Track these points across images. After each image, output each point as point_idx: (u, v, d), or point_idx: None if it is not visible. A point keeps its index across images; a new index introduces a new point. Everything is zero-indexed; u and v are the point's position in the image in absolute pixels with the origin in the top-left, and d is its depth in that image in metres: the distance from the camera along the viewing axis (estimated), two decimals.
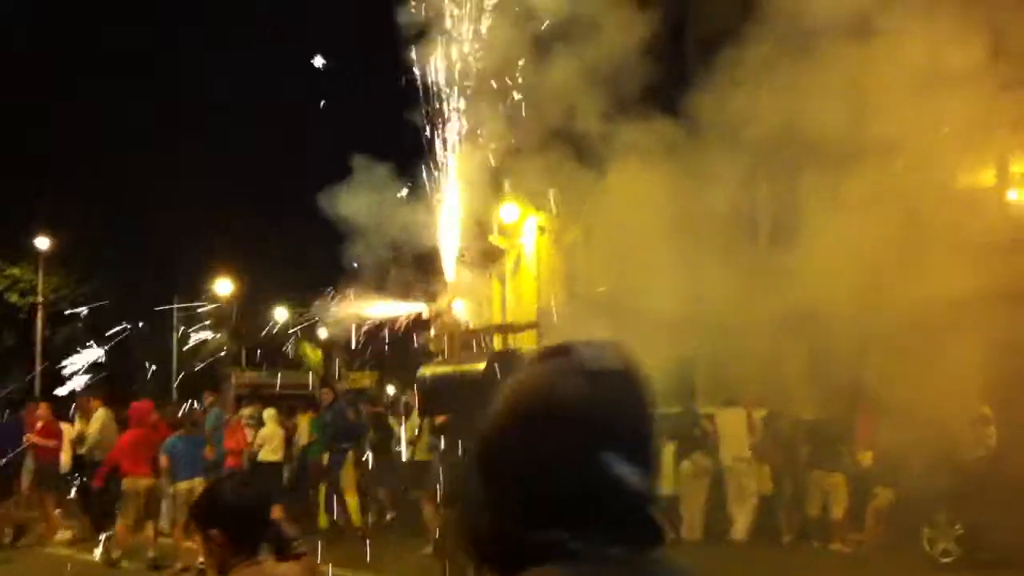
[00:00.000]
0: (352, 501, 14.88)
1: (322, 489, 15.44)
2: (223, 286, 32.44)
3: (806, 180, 17.02)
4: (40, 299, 39.07)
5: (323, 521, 15.30)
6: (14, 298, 43.19)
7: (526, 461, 1.41)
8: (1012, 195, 15.07)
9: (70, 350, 43.31)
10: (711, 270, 17.89)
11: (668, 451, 13.26)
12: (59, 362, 40.13)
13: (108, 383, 25.89)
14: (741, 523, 12.60)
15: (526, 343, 25.54)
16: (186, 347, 33.56)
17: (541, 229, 24.13)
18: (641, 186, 16.50)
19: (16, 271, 43.24)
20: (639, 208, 18.86)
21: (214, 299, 33.25)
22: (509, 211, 22.75)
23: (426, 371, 8.34)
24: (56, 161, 40.91)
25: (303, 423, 16.42)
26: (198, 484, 12.36)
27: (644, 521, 1.41)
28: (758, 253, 17.95)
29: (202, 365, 28.02)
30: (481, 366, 7.44)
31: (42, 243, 38.20)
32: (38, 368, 36.61)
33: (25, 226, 38.45)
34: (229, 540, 2.97)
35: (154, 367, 32.74)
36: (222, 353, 33.81)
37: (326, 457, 15.17)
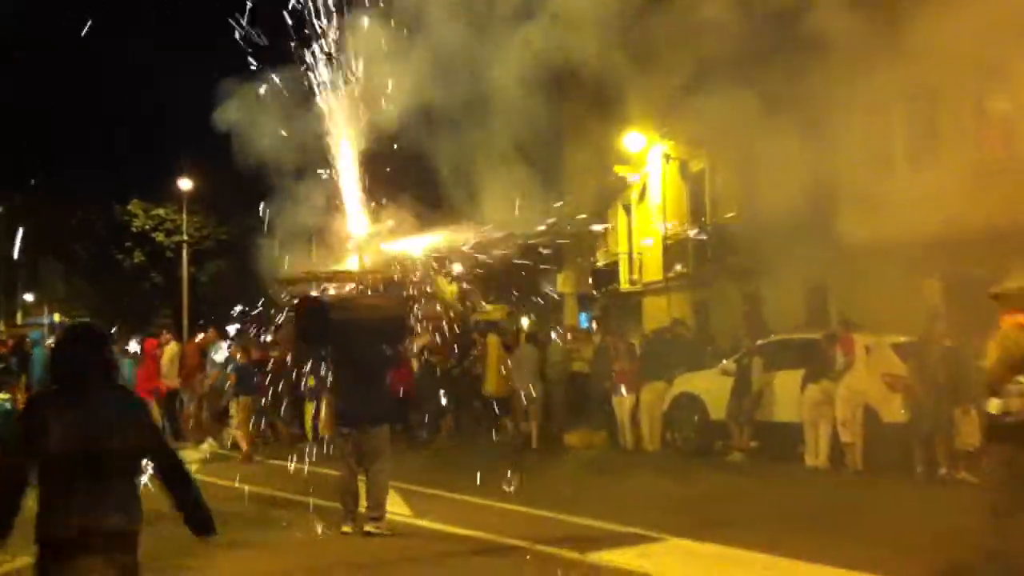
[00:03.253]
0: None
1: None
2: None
3: (946, 99, 16.40)
4: (185, 238, 40.85)
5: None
6: (160, 237, 45.32)
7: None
8: None
9: (215, 286, 45.55)
10: (843, 195, 17.51)
11: (794, 377, 13.19)
12: (204, 298, 42.32)
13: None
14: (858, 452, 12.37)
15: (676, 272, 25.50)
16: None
17: (667, 157, 23.84)
18: (771, 109, 16.18)
19: (161, 211, 45.28)
20: (770, 132, 18.54)
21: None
22: (634, 140, 22.54)
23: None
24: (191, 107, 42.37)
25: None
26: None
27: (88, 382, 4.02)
28: (894, 177, 17.42)
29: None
30: None
31: (184, 184, 39.82)
32: (185, 304, 38.43)
33: (167, 169, 40.26)
34: None
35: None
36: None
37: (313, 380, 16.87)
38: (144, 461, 4.27)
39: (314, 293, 9.50)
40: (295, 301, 9.25)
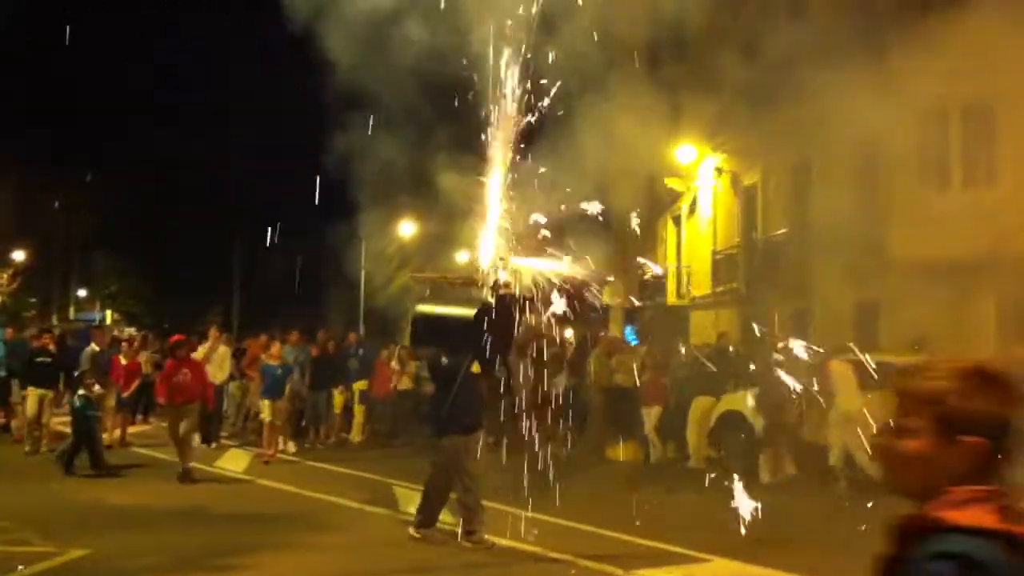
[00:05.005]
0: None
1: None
2: (407, 227, 33.45)
3: (1004, 115, 16.17)
4: None
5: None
6: None
7: None
8: None
9: (266, 286, 46.10)
10: (896, 211, 17.32)
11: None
12: (256, 298, 42.94)
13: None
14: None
15: (699, 288, 25.41)
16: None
17: (719, 171, 23.72)
18: (825, 127, 16.05)
19: None
20: (822, 150, 18.39)
21: (398, 240, 34.42)
22: (686, 152, 22.46)
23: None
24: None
25: None
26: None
27: None
28: (948, 193, 17.22)
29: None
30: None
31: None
32: (235, 303, 39.00)
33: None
34: None
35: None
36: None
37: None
38: None
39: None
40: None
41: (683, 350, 17.19)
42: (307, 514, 10.39)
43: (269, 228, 45.41)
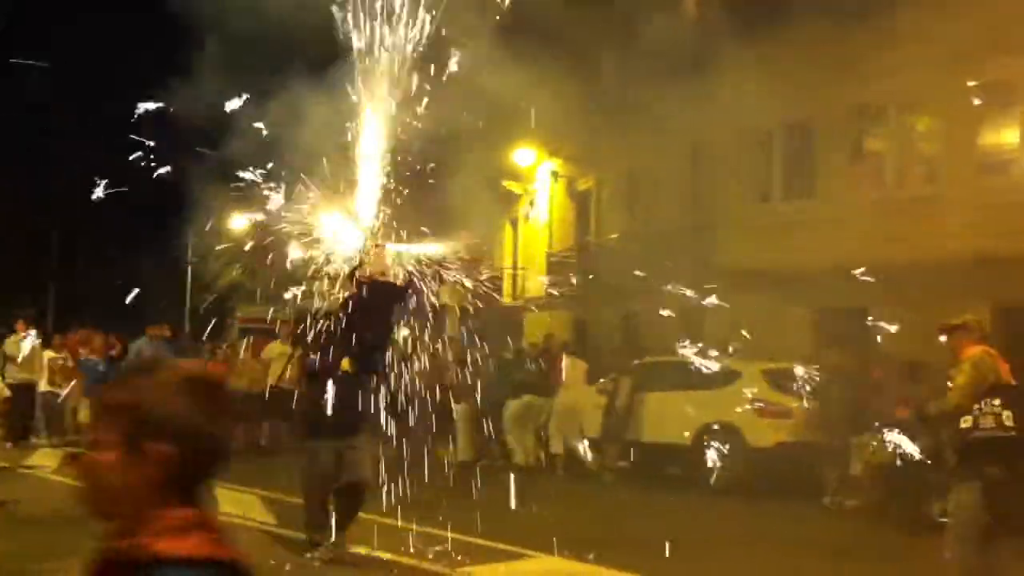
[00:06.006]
0: None
1: None
2: (238, 222, 32.53)
3: (823, 134, 17.02)
4: None
5: None
6: None
7: None
8: None
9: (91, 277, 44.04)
10: (722, 221, 18.01)
11: (667, 397, 13.78)
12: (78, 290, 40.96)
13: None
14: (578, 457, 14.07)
15: (534, 290, 25.76)
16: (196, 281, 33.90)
17: (555, 175, 24.10)
18: (657, 135, 16.55)
19: None
20: (655, 158, 18.95)
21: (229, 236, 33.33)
22: (524, 155, 22.71)
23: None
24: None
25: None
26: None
27: None
28: (771, 206, 18.01)
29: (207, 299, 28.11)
30: None
31: None
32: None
33: None
34: None
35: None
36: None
37: None
38: None
39: None
40: None
41: (511, 351, 17.37)
42: None
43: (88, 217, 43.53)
